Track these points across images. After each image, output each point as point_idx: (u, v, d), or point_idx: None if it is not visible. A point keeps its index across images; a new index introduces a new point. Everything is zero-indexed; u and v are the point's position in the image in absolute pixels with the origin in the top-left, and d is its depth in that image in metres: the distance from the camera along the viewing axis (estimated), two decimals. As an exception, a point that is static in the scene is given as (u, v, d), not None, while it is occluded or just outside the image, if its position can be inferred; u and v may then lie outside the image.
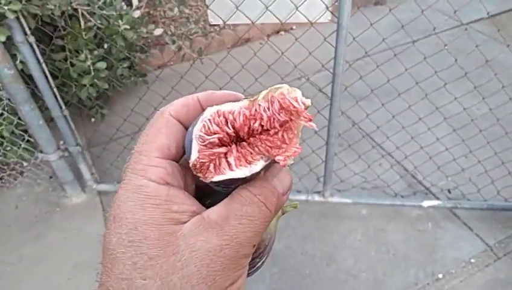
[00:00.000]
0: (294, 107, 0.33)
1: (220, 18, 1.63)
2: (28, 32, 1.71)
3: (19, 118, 2.04)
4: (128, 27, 1.82)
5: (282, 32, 3.58)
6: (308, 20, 1.60)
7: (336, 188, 2.25)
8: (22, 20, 1.68)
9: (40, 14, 1.72)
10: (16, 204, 2.38)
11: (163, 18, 2.47)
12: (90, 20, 1.92)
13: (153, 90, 2.07)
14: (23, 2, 1.66)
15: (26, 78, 2.01)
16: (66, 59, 2.06)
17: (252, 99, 0.34)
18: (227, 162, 0.34)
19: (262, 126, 0.34)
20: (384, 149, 2.50)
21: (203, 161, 0.34)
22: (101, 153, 2.45)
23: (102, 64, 2.01)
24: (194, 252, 0.32)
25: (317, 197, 2.20)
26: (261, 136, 0.34)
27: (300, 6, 1.55)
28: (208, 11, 1.63)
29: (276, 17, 1.59)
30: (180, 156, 0.37)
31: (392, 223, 2.16)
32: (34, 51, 1.77)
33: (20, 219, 2.30)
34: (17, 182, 2.49)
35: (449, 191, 2.26)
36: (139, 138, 0.37)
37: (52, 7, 1.75)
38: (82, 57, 1.94)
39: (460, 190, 2.20)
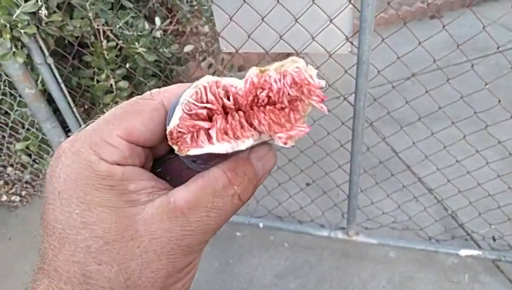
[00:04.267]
0: (308, 83, 0.29)
1: (232, 46, 1.53)
2: (47, 53, 1.72)
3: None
4: (145, 50, 1.77)
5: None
6: (326, 50, 1.45)
7: (362, 225, 2.07)
8: (41, 42, 1.68)
9: (58, 35, 1.71)
10: (44, 214, 2.44)
11: (194, 35, 2.42)
12: (112, 40, 1.90)
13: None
14: (43, 24, 1.67)
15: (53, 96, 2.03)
16: (92, 77, 2.06)
17: (262, 69, 0.30)
18: (208, 134, 0.30)
19: (269, 98, 0.30)
20: (425, 184, 2.27)
21: (181, 130, 0.30)
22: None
23: (124, 84, 1.99)
24: (154, 240, 0.30)
25: (340, 235, 2.03)
26: (266, 108, 0.30)
27: (317, 35, 1.41)
28: (219, 38, 1.53)
29: (291, 47, 1.46)
30: (147, 143, 0.33)
31: (423, 271, 1.93)
32: (53, 72, 1.78)
33: (45, 229, 2.35)
34: (48, 192, 2.56)
35: (494, 239, 1.99)
36: (117, 105, 0.33)
37: (72, 28, 1.74)
38: (103, 76, 1.93)
39: (507, 240, 1.92)
